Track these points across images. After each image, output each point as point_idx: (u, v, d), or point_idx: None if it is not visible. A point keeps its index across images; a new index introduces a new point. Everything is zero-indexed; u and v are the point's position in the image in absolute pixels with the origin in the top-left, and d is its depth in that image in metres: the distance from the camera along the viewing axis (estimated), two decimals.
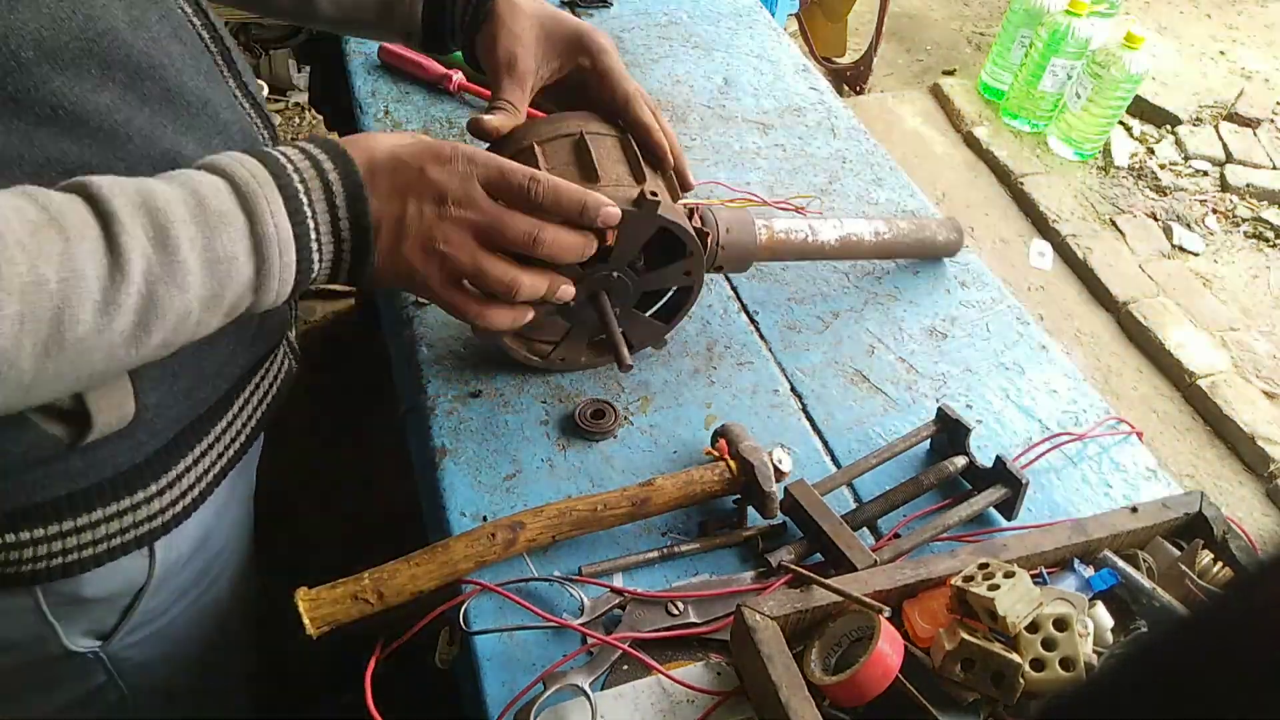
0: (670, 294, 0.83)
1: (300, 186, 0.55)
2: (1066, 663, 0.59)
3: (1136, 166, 2.84)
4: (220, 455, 0.71)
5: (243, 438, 0.73)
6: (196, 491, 0.68)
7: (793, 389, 0.86)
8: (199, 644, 0.79)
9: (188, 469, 0.67)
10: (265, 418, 0.76)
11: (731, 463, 0.72)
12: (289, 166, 0.55)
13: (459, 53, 0.81)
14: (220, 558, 0.78)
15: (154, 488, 0.65)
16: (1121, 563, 0.67)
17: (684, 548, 0.71)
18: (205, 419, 0.68)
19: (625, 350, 0.73)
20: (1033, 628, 0.59)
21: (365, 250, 0.59)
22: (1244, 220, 2.71)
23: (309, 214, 0.55)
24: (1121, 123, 2.90)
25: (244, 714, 0.96)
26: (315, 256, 0.56)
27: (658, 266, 0.77)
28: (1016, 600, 0.59)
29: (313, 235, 0.56)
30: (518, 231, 0.63)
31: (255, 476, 0.86)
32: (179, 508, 0.67)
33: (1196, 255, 2.59)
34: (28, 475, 0.57)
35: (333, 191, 0.56)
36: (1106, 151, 2.84)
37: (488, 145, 0.73)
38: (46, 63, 0.49)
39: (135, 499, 0.64)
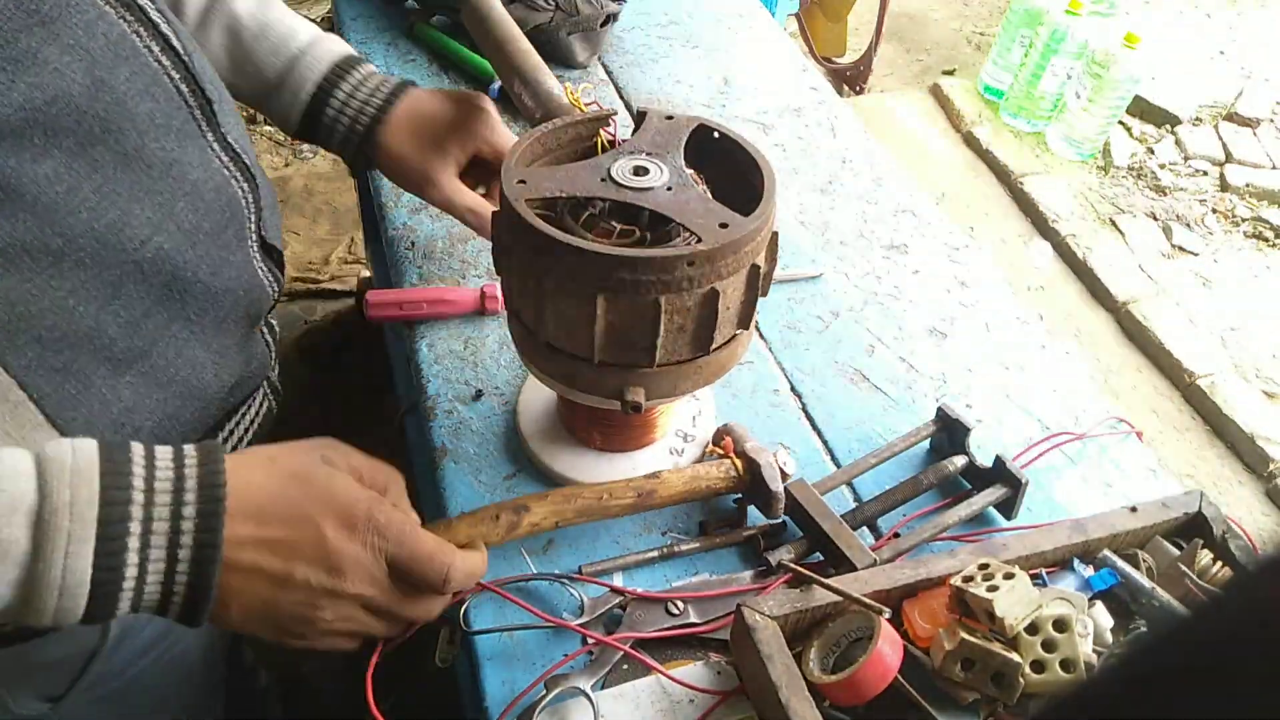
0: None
1: (132, 527, 0.46)
2: (1066, 664, 0.59)
3: (1136, 166, 2.84)
4: None
5: None
6: None
7: (793, 389, 0.86)
8: (163, 697, 0.75)
9: None
10: None
11: (738, 460, 0.72)
12: (133, 491, 0.47)
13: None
14: None
15: None
16: (1121, 562, 0.67)
17: (684, 547, 0.71)
18: None
19: None
20: (1032, 629, 0.59)
21: (200, 605, 0.49)
22: (1244, 220, 2.71)
23: (127, 561, 0.46)
24: (1121, 123, 2.90)
25: None
26: (123, 601, 0.47)
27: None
28: (1015, 602, 0.59)
29: (127, 584, 0.47)
30: (415, 615, 0.58)
31: None
32: None
33: (1196, 255, 2.58)
34: None
35: (178, 542, 0.47)
36: (1106, 151, 2.84)
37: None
38: None
39: None
